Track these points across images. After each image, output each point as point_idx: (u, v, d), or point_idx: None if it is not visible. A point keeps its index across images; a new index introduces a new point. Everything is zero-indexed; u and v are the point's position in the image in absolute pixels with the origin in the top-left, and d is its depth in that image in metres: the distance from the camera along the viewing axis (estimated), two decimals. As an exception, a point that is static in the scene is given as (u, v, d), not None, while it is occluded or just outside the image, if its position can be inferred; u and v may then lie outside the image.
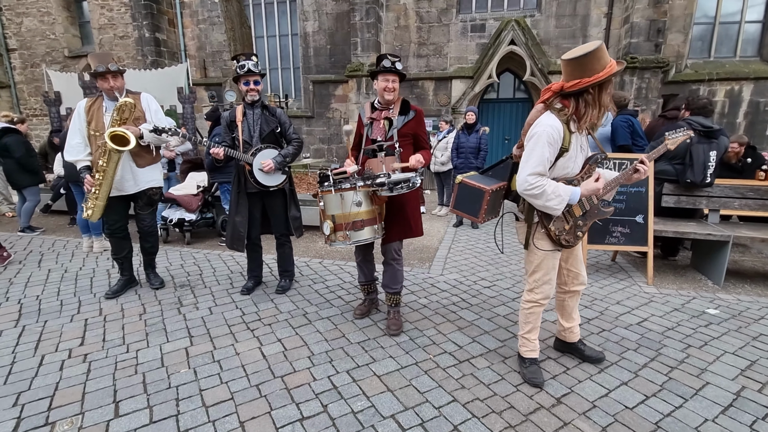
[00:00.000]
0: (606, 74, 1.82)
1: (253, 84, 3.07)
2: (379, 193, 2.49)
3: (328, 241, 2.55)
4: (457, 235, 5.41)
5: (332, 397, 2.09)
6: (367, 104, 2.83)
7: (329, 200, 2.50)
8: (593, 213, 2.12)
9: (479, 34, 10.65)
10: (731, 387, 2.19)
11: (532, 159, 1.91)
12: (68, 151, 3.20)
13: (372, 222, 2.52)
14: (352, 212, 2.46)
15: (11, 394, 2.12)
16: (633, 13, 9.01)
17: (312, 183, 7.71)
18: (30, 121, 13.48)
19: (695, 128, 3.71)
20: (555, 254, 2.14)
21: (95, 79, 3.06)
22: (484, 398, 2.09)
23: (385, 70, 2.61)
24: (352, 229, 2.47)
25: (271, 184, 3.16)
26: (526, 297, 2.24)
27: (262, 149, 3.09)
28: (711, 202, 3.93)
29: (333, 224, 2.49)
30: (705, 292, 3.51)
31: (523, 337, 2.30)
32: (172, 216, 4.91)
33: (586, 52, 1.80)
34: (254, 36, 11.33)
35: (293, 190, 3.40)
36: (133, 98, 3.17)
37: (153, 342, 2.64)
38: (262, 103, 3.16)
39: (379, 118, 2.71)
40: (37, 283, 3.67)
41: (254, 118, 3.14)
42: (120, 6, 12.26)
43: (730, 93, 9.61)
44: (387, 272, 2.84)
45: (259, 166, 3.07)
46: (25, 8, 13.01)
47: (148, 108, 3.26)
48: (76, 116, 3.17)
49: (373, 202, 2.54)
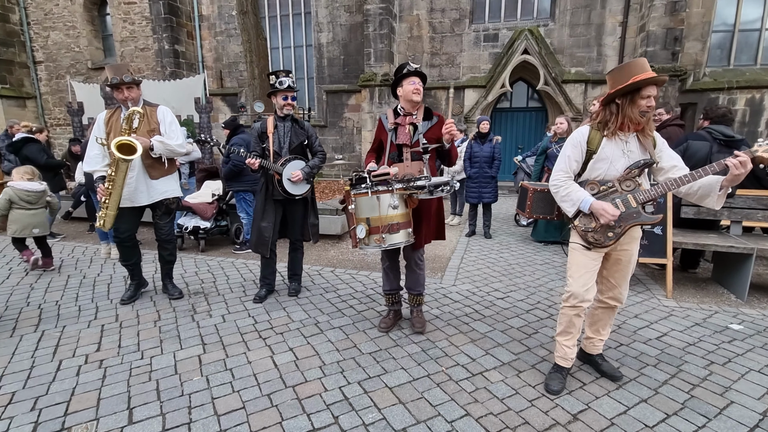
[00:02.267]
0: (624, 84, 1.89)
1: (291, 99, 3.26)
2: (417, 196, 2.50)
3: (360, 245, 2.50)
4: (469, 245, 5.37)
5: (343, 408, 2.08)
6: (389, 110, 2.87)
7: (364, 203, 2.47)
8: (631, 216, 2.05)
9: (492, 44, 10.68)
10: (757, 407, 2.10)
11: (560, 160, 2.16)
12: (87, 162, 3.28)
13: (407, 225, 2.51)
14: (388, 215, 2.43)
15: (29, 398, 2.16)
16: (649, 22, 8.93)
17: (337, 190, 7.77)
18: (54, 131, 13.99)
19: (716, 137, 3.63)
20: (585, 252, 2.13)
21: (112, 90, 3.12)
22: (498, 413, 2.05)
23: (411, 73, 2.68)
24: (388, 232, 2.43)
25: (297, 193, 3.33)
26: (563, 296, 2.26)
27: (291, 160, 3.26)
28: (733, 213, 3.82)
29: (368, 227, 2.44)
30: (727, 307, 3.40)
31: (556, 339, 2.31)
32: (187, 224, 4.99)
33: (614, 67, 2.02)
34: (270, 47, 11.58)
35: (314, 198, 3.58)
36: (150, 110, 3.23)
37: (167, 349, 2.67)
38: (293, 117, 3.33)
39: (404, 124, 2.74)
40: (56, 289, 3.75)
41: (285, 131, 3.30)
42: (141, 19, 12.68)
43: (751, 101, 9.40)
44: (410, 276, 2.93)
45: (288, 176, 3.23)
46: (52, 22, 13.55)
47: (164, 120, 3.29)
48: (95, 127, 3.23)
49: (407, 206, 2.53)
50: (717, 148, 3.63)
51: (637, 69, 1.92)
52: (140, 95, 3.22)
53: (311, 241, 3.58)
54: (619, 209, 2.04)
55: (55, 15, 13.43)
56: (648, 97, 1.92)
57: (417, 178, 2.46)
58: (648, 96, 1.92)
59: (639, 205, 2.04)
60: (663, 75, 1.93)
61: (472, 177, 5.73)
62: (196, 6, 12.41)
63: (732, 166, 1.80)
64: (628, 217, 2.05)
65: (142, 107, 3.18)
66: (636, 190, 2.04)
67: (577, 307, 2.15)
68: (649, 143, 2.03)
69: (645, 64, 1.95)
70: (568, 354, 2.26)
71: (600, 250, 2.13)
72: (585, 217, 2.10)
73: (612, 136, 2.04)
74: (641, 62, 1.95)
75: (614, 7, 9.74)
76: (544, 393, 2.21)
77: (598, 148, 2.06)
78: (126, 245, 3.38)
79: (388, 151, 2.79)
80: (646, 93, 1.92)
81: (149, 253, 4.59)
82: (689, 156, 3.66)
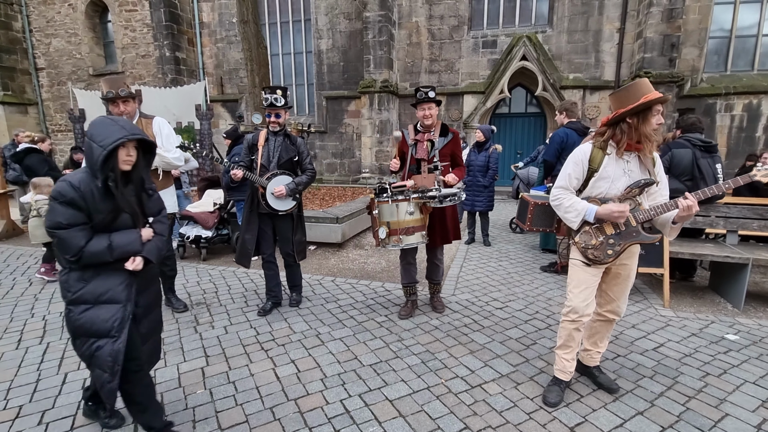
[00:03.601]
0: (633, 106, 1.94)
1: (275, 117, 3.24)
2: (429, 205, 2.98)
3: (381, 244, 3.03)
4: (468, 253, 5.41)
5: (345, 421, 2.12)
6: (410, 127, 3.34)
7: (385, 209, 3.00)
8: (630, 235, 2.09)
9: (491, 50, 10.76)
10: (752, 419, 2.14)
11: (560, 176, 2.21)
12: None
13: (421, 229, 3.03)
14: (405, 220, 2.97)
15: (36, 412, 2.20)
16: (646, 28, 9.01)
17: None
18: (55, 137, 14.05)
19: (695, 144, 3.71)
20: (585, 268, 2.17)
21: (108, 103, 3.04)
22: (497, 426, 2.09)
23: (421, 100, 3.14)
24: (405, 234, 2.97)
25: (280, 209, 3.30)
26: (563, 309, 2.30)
27: (277, 175, 3.26)
28: (729, 223, 3.86)
29: (388, 229, 2.97)
30: (724, 316, 3.44)
31: (555, 352, 2.35)
32: (189, 233, 5.04)
33: (618, 89, 2.06)
34: (270, 54, 11.65)
35: (301, 215, 3.57)
36: (145, 122, 3.18)
37: (170, 361, 2.71)
38: (285, 132, 3.33)
39: (422, 140, 3.21)
40: (60, 300, 3.78)
41: (275, 145, 3.31)
42: (142, 27, 12.77)
43: (748, 107, 9.47)
44: (430, 269, 3.51)
45: (272, 191, 3.23)
46: (54, 29, 13.64)
47: (160, 132, 3.24)
48: None
49: (421, 212, 3.01)
50: (700, 154, 3.72)
51: (645, 89, 1.97)
52: (136, 108, 3.16)
53: (296, 259, 3.53)
54: (619, 229, 2.09)
55: (57, 22, 13.53)
56: (657, 114, 2.04)
57: (429, 190, 2.97)
58: (657, 113, 2.04)
59: (638, 224, 2.08)
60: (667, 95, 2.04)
61: (467, 185, 5.79)
62: (197, 13, 12.51)
63: (680, 209, 1.95)
64: (627, 235, 2.09)
65: (137, 119, 3.14)
66: (636, 209, 2.07)
67: (577, 321, 2.19)
68: (650, 163, 2.07)
69: (649, 84, 2.01)
70: (567, 367, 2.29)
71: (600, 267, 2.17)
72: (585, 233, 2.14)
73: (622, 154, 2.05)
74: (646, 83, 2.00)
75: (611, 14, 9.82)
76: (542, 405, 2.24)
77: (600, 166, 2.08)
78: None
79: (408, 163, 3.25)
80: (656, 110, 2.02)
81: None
82: (676, 164, 3.72)
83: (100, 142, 1.65)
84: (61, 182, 1.67)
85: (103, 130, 1.68)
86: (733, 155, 9.60)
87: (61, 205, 1.64)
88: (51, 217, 1.65)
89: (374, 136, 10.94)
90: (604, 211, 2.04)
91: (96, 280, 1.76)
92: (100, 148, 1.64)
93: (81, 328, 1.75)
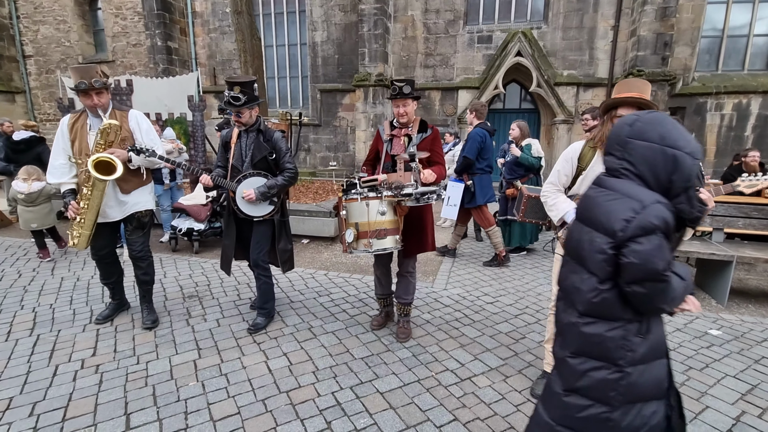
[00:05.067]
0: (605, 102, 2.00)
1: (236, 116, 2.85)
2: (405, 203, 2.58)
3: (349, 248, 2.58)
4: (461, 248, 5.45)
5: (336, 413, 2.15)
6: (386, 122, 3.00)
7: (354, 208, 2.58)
8: None
9: (486, 46, 10.75)
10: (731, 412, 2.21)
11: (552, 172, 2.25)
12: (51, 173, 2.89)
13: (394, 232, 2.60)
14: (376, 221, 2.53)
15: (27, 404, 2.20)
16: (640, 27, 9.05)
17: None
18: (43, 126, 13.81)
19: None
20: None
21: (79, 95, 2.73)
22: (485, 418, 2.13)
23: (394, 96, 2.77)
24: (376, 237, 2.53)
25: (255, 214, 2.94)
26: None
27: (249, 176, 2.91)
28: (715, 221, 3.94)
29: (357, 232, 2.55)
30: (708, 312, 3.52)
31: (544, 346, 2.41)
32: (181, 225, 5.01)
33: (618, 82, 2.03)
34: (264, 45, 11.52)
35: (285, 221, 3.17)
36: (120, 116, 2.89)
37: (162, 354, 2.72)
38: (258, 127, 2.93)
39: (399, 135, 2.88)
40: (50, 292, 3.77)
41: (247, 143, 2.94)
42: (134, 15, 12.54)
43: (738, 106, 9.59)
44: (401, 284, 3.01)
45: (242, 194, 2.89)
46: (42, 16, 13.35)
47: (138, 127, 2.95)
48: (59, 134, 2.86)
49: (395, 213, 2.63)
50: None
51: (627, 88, 1.96)
52: (110, 100, 2.85)
53: (281, 270, 3.21)
54: None
55: (45, 9, 13.22)
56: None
57: (404, 186, 2.54)
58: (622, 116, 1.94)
59: None
60: (642, 98, 1.90)
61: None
62: (189, 2, 12.30)
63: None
64: None
65: (111, 111, 2.85)
66: None
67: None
68: None
69: (637, 85, 1.96)
70: None
71: None
72: (567, 229, 2.18)
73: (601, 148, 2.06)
74: (632, 82, 1.97)
75: (606, 11, 9.85)
76: (530, 398, 2.30)
77: (588, 165, 2.11)
78: (106, 262, 3.11)
79: (383, 161, 2.92)
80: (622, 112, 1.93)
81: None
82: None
83: (690, 151, 1.16)
84: (657, 205, 1.15)
85: (684, 134, 1.19)
86: (722, 154, 9.74)
87: (660, 235, 1.14)
88: (660, 255, 1.13)
89: (368, 130, 10.90)
90: None
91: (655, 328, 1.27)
92: (693, 159, 1.16)
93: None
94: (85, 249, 2.92)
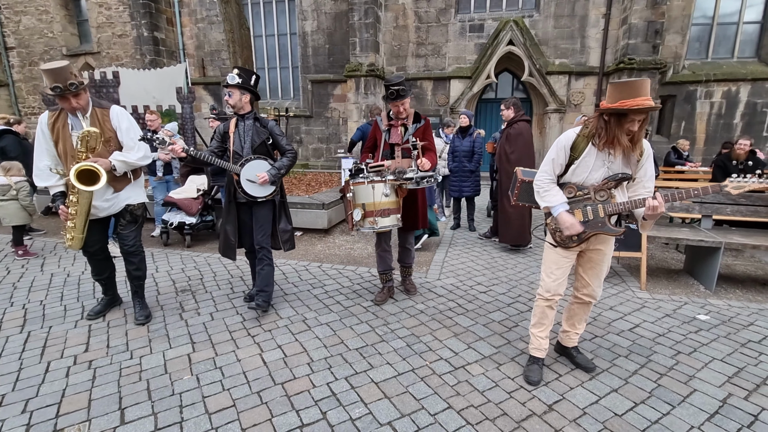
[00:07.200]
0: (608, 107, 1.94)
1: (227, 96, 3.02)
2: (405, 186, 2.99)
3: (356, 226, 2.99)
4: (454, 238, 5.47)
5: (331, 404, 2.16)
6: (383, 114, 3.37)
7: (361, 190, 2.97)
8: (596, 225, 2.15)
9: (478, 34, 10.68)
10: (718, 394, 2.26)
11: (545, 160, 2.26)
12: (37, 176, 2.79)
13: (396, 211, 3.01)
14: (381, 201, 2.94)
15: (20, 400, 2.18)
16: (631, 14, 9.05)
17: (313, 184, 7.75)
18: (28, 120, 13.51)
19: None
20: (555, 249, 2.29)
21: (55, 98, 2.59)
22: (479, 405, 2.16)
23: (393, 99, 3.12)
24: (381, 216, 2.94)
25: (259, 195, 3.08)
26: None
27: (251, 160, 3.05)
28: (704, 208, 3.99)
29: (363, 211, 2.95)
30: (697, 298, 3.59)
31: (530, 331, 2.44)
32: (173, 219, 4.96)
33: (618, 81, 1.98)
34: (253, 35, 11.34)
35: (284, 201, 3.31)
36: (101, 114, 2.77)
37: (156, 348, 2.71)
38: (255, 115, 3.12)
39: (396, 125, 3.24)
40: (40, 288, 3.72)
41: (245, 129, 3.09)
42: (118, 5, 12.25)
43: (728, 94, 9.67)
44: (402, 253, 3.59)
45: (248, 177, 3.00)
46: (24, 6, 12.99)
47: (119, 126, 2.84)
48: (40, 134, 2.75)
49: (397, 195, 3.01)
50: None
51: (635, 92, 1.88)
52: (89, 99, 2.74)
53: (282, 249, 3.29)
54: (588, 217, 2.15)
55: (26, -2, 12.88)
56: (636, 123, 1.94)
57: (406, 171, 2.97)
58: (635, 122, 1.93)
59: (606, 216, 2.14)
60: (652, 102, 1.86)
61: (453, 171, 5.81)
62: (175, -9, 12.04)
63: (646, 207, 2.03)
64: (593, 225, 2.17)
65: (91, 111, 2.74)
66: (607, 201, 2.13)
67: (549, 300, 2.33)
68: (635, 156, 2.08)
69: (642, 87, 1.89)
70: (542, 345, 2.40)
71: (568, 250, 2.27)
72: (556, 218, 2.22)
73: (602, 148, 2.06)
74: (638, 85, 1.89)
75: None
76: (522, 385, 2.33)
77: (581, 155, 2.12)
78: (97, 258, 3.07)
79: (381, 149, 3.26)
80: (634, 119, 1.93)
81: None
82: None
83: None
84: None
85: None
86: (711, 142, 9.84)
87: None
88: None
89: (361, 121, 10.83)
90: (561, 219, 2.16)
91: None
92: None
93: None
94: (79, 249, 2.90)
